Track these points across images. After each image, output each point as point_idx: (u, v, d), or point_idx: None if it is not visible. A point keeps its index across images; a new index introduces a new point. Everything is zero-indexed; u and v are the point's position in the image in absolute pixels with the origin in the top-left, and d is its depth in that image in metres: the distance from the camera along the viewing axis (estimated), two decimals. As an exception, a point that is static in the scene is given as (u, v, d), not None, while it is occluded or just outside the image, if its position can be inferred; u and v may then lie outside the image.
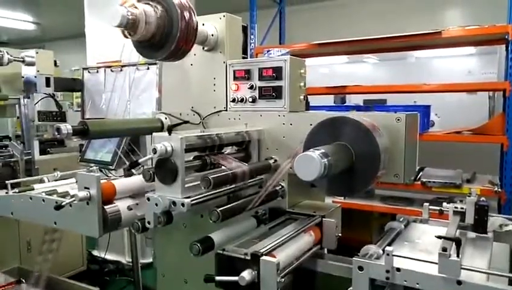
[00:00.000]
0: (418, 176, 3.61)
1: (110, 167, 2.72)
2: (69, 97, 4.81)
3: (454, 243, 1.17)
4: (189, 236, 1.92)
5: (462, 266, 1.15)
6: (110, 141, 2.95)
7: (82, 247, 4.01)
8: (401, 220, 1.62)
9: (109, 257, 4.28)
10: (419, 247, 1.41)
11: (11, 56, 3.13)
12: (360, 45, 4.06)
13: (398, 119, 1.45)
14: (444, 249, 1.14)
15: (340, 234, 1.70)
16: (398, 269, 1.21)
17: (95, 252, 4.42)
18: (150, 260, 4.00)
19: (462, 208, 1.51)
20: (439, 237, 1.23)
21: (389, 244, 1.37)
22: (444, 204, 1.57)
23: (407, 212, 3.43)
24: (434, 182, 3.51)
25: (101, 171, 2.71)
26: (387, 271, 1.20)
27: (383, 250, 1.27)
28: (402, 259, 1.26)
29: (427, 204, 1.67)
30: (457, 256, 1.16)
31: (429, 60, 5.51)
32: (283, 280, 1.26)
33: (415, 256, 1.29)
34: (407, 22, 5.56)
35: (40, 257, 2.34)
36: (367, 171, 1.32)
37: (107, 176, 2.80)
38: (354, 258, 1.25)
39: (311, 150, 1.18)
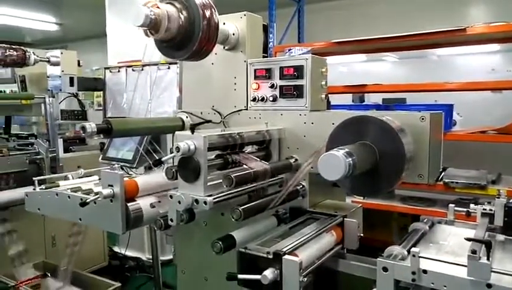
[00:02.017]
0: (440, 177, 3.55)
1: (132, 165, 2.76)
2: (90, 96, 4.92)
3: (483, 246, 1.14)
4: (209, 234, 1.94)
5: (492, 269, 1.13)
6: (131, 140, 3.00)
7: (103, 243, 4.09)
8: (425, 221, 1.59)
9: (129, 253, 4.34)
10: (446, 249, 1.39)
11: (37, 56, 3.21)
12: (380, 43, 4.01)
13: (423, 119, 1.43)
14: (474, 252, 1.11)
15: (362, 234, 1.69)
16: (425, 271, 1.19)
17: (116, 249, 4.49)
18: (170, 257, 4.03)
19: (490, 210, 1.47)
20: (469, 239, 1.20)
21: (414, 246, 1.34)
22: (472, 206, 1.53)
23: (428, 213, 3.37)
24: (457, 182, 3.43)
25: (122, 169, 2.76)
26: (413, 273, 1.18)
27: (408, 251, 1.25)
28: (428, 261, 1.24)
29: (453, 205, 1.64)
30: (488, 259, 1.13)
31: (451, 57, 5.41)
32: (305, 279, 1.26)
33: (442, 258, 1.27)
34: (426, 20, 5.46)
35: (66, 250, 2.41)
36: (392, 171, 1.30)
37: (128, 173, 2.84)
38: (378, 259, 1.24)
39: (335, 149, 1.18)
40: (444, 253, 1.34)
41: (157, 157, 2.57)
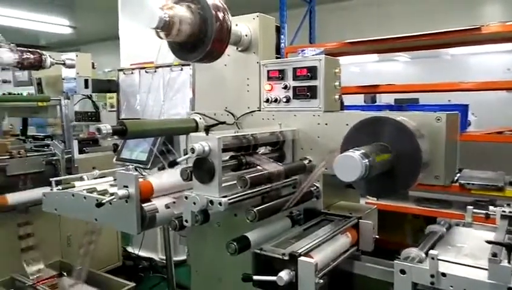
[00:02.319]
0: (456, 178, 3.49)
1: (146, 166, 2.78)
2: (103, 98, 4.97)
3: (504, 249, 1.12)
4: (223, 235, 1.95)
5: (514, 273, 1.11)
6: (145, 141, 3.02)
7: (117, 243, 4.12)
8: (442, 223, 1.57)
9: (142, 253, 4.37)
10: (465, 252, 1.37)
11: (53, 59, 3.26)
12: (394, 42, 3.97)
13: (439, 119, 1.42)
14: (494, 255, 1.10)
15: (377, 236, 1.67)
16: (444, 274, 1.17)
17: (130, 249, 4.52)
18: (183, 257, 4.05)
19: (510, 212, 1.45)
20: (490, 242, 1.18)
21: (432, 248, 1.33)
22: (491, 208, 1.51)
23: (444, 215, 3.33)
24: (473, 184, 3.36)
25: (136, 170, 2.78)
26: (432, 276, 1.17)
27: (426, 253, 1.23)
28: (447, 263, 1.22)
29: (471, 207, 1.61)
30: (509, 262, 1.11)
31: (465, 57, 5.34)
32: (321, 281, 1.25)
33: (461, 261, 1.25)
34: (439, 19, 5.41)
35: (81, 250, 2.43)
36: (408, 172, 1.29)
37: (142, 174, 2.86)
38: (395, 261, 1.23)
39: (351, 150, 1.17)
40: (462, 256, 1.32)
41: (170, 159, 2.58)
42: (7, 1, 7.69)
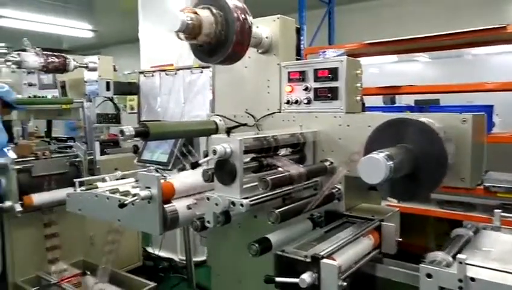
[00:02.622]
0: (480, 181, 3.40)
1: (166, 167, 2.80)
2: (123, 100, 5.04)
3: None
4: (242, 236, 1.95)
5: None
6: (165, 142, 3.05)
7: (138, 243, 4.17)
8: (468, 226, 1.54)
9: (162, 254, 4.42)
10: (493, 256, 1.33)
11: (76, 62, 3.33)
12: (414, 43, 3.91)
13: (464, 120, 1.39)
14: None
15: (400, 239, 1.65)
16: (473, 279, 1.14)
17: (150, 249, 4.57)
18: (203, 258, 4.08)
19: (539, 216, 1.40)
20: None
21: (459, 252, 1.30)
22: (520, 211, 1.47)
23: (469, 218, 3.26)
24: (499, 187, 3.27)
25: (157, 171, 2.81)
26: (460, 280, 1.14)
27: (453, 257, 1.21)
28: (475, 268, 1.19)
29: (499, 211, 1.57)
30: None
31: (487, 56, 5.23)
32: (344, 283, 1.24)
33: (489, 265, 1.22)
34: (461, 19, 5.31)
35: (105, 248, 2.47)
36: (433, 174, 1.27)
37: (163, 176, 2.89)
38: (421, 265, 1.20)
39: (376, 152, 1.16)
40: (491, 260, 1.28)
41: (192, 160, 2.60)
42: (32, 6, 7.90)
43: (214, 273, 2.20)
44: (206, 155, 2.19)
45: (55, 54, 3.18)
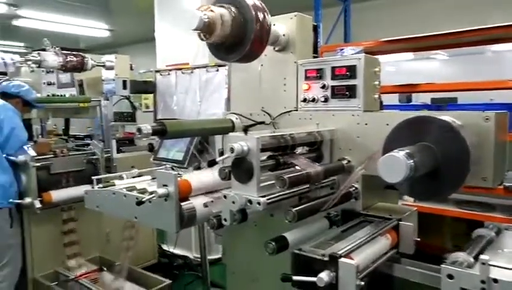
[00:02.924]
0: (500, 180, 3.32)
1: (182, 165, 2.82)
2: (138, 99, 5.10)
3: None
4: (258, 235, 1.95)
5: None
6: (181, 140, 3.07)
7: (154, 241, 4.21)
8: (490, 227, 1.51)
9: (177, 251, 4.44)
10: (517, 257, 1.30)
11: (94, 61, 3.38)
12: (434, 40, 3.84)
13: (487, 119, 1.36)
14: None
15: (418, 239, 1.63)
16: (496, 280, 1.12)
17: (164, 246, 4.60)
18: (217, 256, 4.10)
19: None
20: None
21: (481, 253, 1.27)
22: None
23: (488, 218, 3.18)
24: (521, 187, 3.19)
25: (172, 169, 2.83)
26: (483, 282, 1.12)
27: (475, 258, 1.19)
28: (498, 269, 1.16)
29: (523, 211, 1.54)
30: None
31: (509, 53, 5.11)
32: (362, 283, 1.23)
33: (512, 267, 1.19)
34: (478, 15, 5.20)
35: (123, 243, 2.50)
36: (454, 174, 1.24)
37: (179, 174, 2.91)
38: (442, 265, 1.18)
39: (396, 150, 1.14)
40: (514, 261, 1.26)
41: (208, 158, 2.61)
42: (51, 7, 8.03)
43: (229, 271, 2.21)
44: (221, 153, 2.20)
45: (74, 53, 3.22)
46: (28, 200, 3.02)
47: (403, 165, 1.10)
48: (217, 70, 3.29)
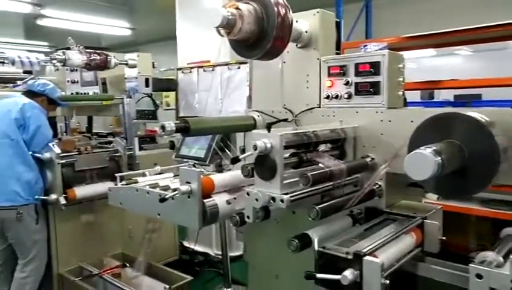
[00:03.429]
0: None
1: (204, 162, 2.85)
2: (159, 96, 5.16)
3: None
4: (280, 232, 1.95)
5: None
6: (202, 138, 3.09)
7: (175, 237, 4.25)
8: (519, 226, 1.47)
9: (198, 248, 4.48)
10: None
11: (117, 60, 3.42)
12: (456, 36, 3.76)
13: (517, 115, 1.32)
14: None
15: (444, 237, 1.60)
16: (526, 280, 1.09)
17: (185, 243, 4.65)
18: (238, 253, 4.11)
19: None
20: None
21: (510, 252, 1.25)
22: None
23: (513, 217, 3.10)
24: (548, 185, 3.09)
25: (194, 166, 2.86)
26: (513, 281, 1.09)
27: (504, 258, 1.16)
28: (528, 269, 1.14)
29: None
30: None
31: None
32: (387, 281, 1.22)
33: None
34: (498, 11, 5.06)
35: (145, 236, 2.53)
36: (483, 172, 1.21)
37: (202, 171, 2.93)
38: (470, 265, 1.16)
39: (423, 147, 1.12)
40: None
41: (231, 155, 2.63)
42: (74, 6, 8.19)
43: (250, 268, 2.21)
44: (243, 150, 2.21)
45: (97, 51, 3.28)
46: (53, 196, 3.09)
47: (431, 163, 1.08)
48: (239, 68, 3.29)
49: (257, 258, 2.17)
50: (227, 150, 2.98)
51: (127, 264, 3.33)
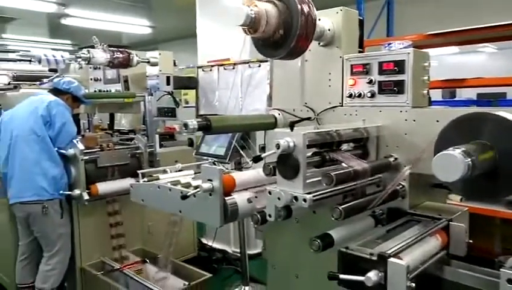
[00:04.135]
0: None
1: (224, 160, 2.85)
2: (178, 94, 5.20)
3: None
4: (300, 231, 1.95)
5: None
6: (222, 136, 3.10)
7: (194, 234, 4.28)
8: (550, 229, 1.43)
9: (216, 245, 4.51)
10: None
11: (139, 58, 3.47)
12: (482, 33, 3.66)
13: (551, 115, 1.27)
14: None
15: (471, 241, 1.56)
16: (562, 286, 1.06)
17: (204, 240, 4.68)
18: (255, 251, 4.12)
19: None
20: None
21: (542, 257, 1.21)
22: None
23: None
24: None
25: (214, 164, 2.87)
26: (547, 287, 1.06)
27: (536, 262, 1.13)
28: None
29: None
30: None
31: None
32: (413, 284, 1.19)
33: None
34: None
35: (168, 233, 2.55)
36: (516, 174, 1.18)
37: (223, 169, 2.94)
38: (502, 269, 1.13)
39: (451, 148, 1.10)
40: None
41: (250, 154, 2.63)
42: (97, 5, 8.33)
43: (270, 267, 2.21)
44: (263, 149, 2.20)
45: (120, 50, 3.32)
46: (77, 192, 3.15)
47: (460, 164, 1.05)
48: (259, 66, 3.29)
49: (277, 257, 2.17)
50: (247, 148, 2.98)
51: (147, 260, 3.37)
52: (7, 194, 3.14)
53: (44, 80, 3.90)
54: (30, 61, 3.80)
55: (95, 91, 3.98)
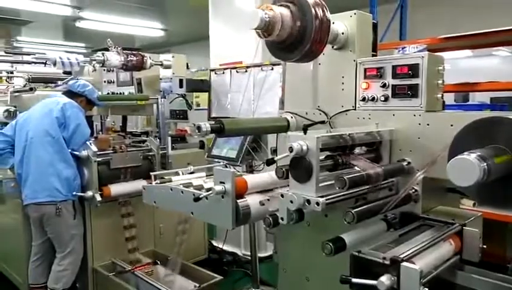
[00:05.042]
0: None
1: (235, 162, 2.87)
2: (189, 97, 5.24)
3: None
4: (312, 235, 1.94)
5: None
6: (233, 139, 3.12)
7: (204, 236, 4.29)
8: None
9: (226, 248, 4.52)
10: None
11: (152, 61, 3.50)
12: (497, 36, 3.62)
13: None
14: None
15: (485, 246, 1.55)
16: None
17: (214, 242, 4.69)
18: (266, 254, 4.12)
19: None
20: None
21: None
22: None
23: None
24: None
25: (226, 166, 2.89)
26: None
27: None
28: None
29: None
30: None
31: None
32: (426, 289, 1.19)
33: None
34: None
35: (177, 238, 2.56)
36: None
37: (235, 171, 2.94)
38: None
39: (467, 152, 1.09)
40: None
41: (262, 156, 2.64)
42: (111, 9, 8.42)
43: (281, 270, 2.21)
44: (274, 151, 2.21)
45: (134, 52, 3.36)
46: (89, 193, 3.18)
47: (475, 169, 1.04)
48: (272, 69, 3.30)
49: (288, 260, 2.17)
50: (258, 151, 2.99)
51: (158, 262, 3.39)
52: (21, 195, 3.18)
53: (59, 82, 3.96)
54: (45, 63, 3.87)
55: (108, 93, 4.02)
